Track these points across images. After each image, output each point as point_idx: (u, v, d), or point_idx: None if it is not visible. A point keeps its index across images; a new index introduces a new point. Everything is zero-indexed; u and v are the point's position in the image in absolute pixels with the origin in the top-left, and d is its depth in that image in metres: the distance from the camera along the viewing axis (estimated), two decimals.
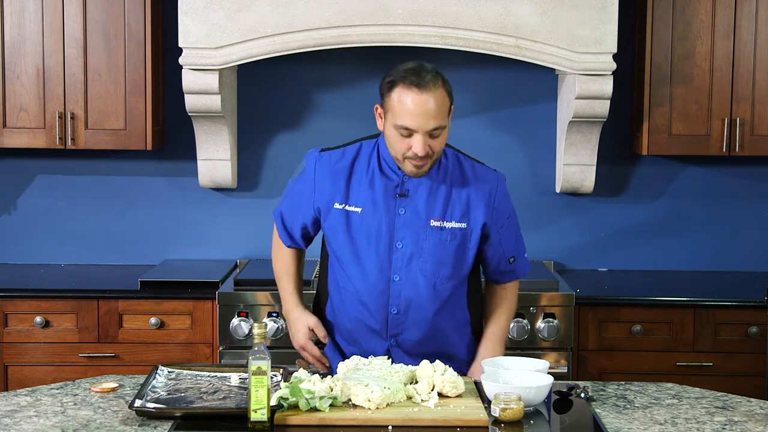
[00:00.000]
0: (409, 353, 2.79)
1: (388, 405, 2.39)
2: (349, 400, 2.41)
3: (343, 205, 2.76)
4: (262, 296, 3.85)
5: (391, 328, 2.78)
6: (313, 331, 2.88)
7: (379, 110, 2.72)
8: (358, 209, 2.75)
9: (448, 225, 2.75)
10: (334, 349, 2.90)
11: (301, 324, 2.90)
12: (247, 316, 3.85)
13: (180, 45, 3.95)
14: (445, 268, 2.75)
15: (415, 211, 2.74)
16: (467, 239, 2.77)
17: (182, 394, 2.50)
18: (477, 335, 2.92)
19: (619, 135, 4.44)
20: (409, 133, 2.63)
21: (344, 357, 2.84)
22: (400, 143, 2.65)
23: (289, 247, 2.95)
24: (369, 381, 2.41)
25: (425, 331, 2.78)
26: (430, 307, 2.76)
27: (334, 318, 2.89)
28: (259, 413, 2.29)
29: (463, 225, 2.76)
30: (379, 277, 2.74)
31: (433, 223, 2.74)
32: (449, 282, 2.77)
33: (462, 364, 2.85)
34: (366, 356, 2.74)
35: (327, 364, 2.87)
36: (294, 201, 2.89)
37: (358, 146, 2.82)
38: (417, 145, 2.63)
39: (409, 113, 2.61)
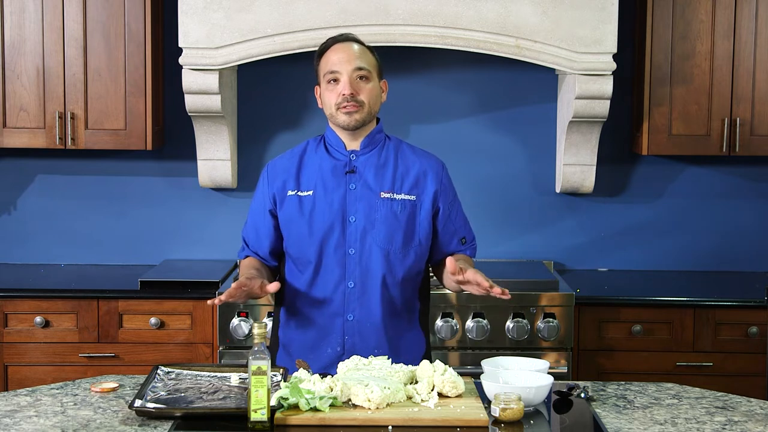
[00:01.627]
0: (365, 337, 2.81)
1: (388, 405, 2.39)
2: (349, 400, 2.41)
3: (295, 191, 2.86)
4: None
5: (348, 303, 2.81)
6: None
7: (318, 91, 2.89)
8: (310, 192, 2.85)
9: (398, 197, 2.84)
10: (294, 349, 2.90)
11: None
12: (247, 316, 3.85)
13: (180, 45, 3.96)
14: (397, 238, 2.82)
15: (366, 185, 2.84)
16: (417, 211, 2.86)
17: (182, 394, 2.50)
18: (425, 330, 2.95)
19: (619, 135, 4.44)
20: (335, 78, 2.80)
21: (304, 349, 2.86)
22: (331, 94, 2.82)
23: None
24: (369, 381, 2.41)
25: (381, 308, 2.82)
26: (385, 280, 2.82)
27: (289, 317, 2.91)
28: (259, 413, 2.29)
29: (413, 197, 2.86)
30: (335, 253, 2.81)
31: (384, 195, 2.84)
32: (401, 253, 2.83)
33: (410, 356, 2.86)
34: (325, 338, 2.81)
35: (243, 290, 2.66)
36: (255, 212, 2.94)
37: (305, 143, 2.95)
38: (343, 85, 2.79)
39: (333, 59, 2.82)
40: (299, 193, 2.85)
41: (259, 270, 2.87)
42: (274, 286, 2.68)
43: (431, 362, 2.57)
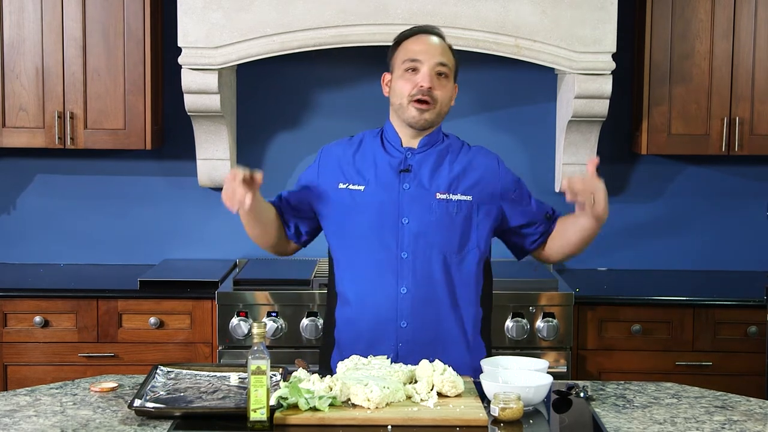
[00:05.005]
0: (419, 344, 2.71)
1: (387, 405, 2.39)
2: (349, 399, 2.41)
3: (347, 184, 2.76)
4: (261, 296, 3.85)
5: (401, 309, 2.72)
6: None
7: (387, 78, 2.79)
8: (361, 187, 2.74)
9: (454, 198, 2.74)
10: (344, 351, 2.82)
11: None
12: (246, 316, 3.85)
13: (179, 45, 3.96)
14: (453, 241, 2.73)
15: (420, 185, 2.73)
16: (473, 212, 2.76)
17: (182, 394, 2.50)
18: (485, 338, 2.87)
19: (619, 135, 4.44)
20: (415, 68, 2.69)
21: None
22: (407, 83, 2.70)
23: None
24: (368, 380, 2.41)
25: (435, 315, 2.73)
26: (440, 285, 2.73)
27: (345, 318, 2.81)
28: (258, 413, 2.29)
29: (469, 198, 2.75)
30: (386, 257, 2.71)
31: (440, 195, 2.73)
32: (458, 257, 2.74)
33: (462, 365, 2.77)
34: (377, 345, 2.71)
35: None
36: (300, 181, 2.86)
37: (362, 134, 2.85)
38: (423, 77, 2.68)
39: (416, 48, 2.72)
40: (350, 187, 2.75)
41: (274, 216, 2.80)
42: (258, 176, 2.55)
43: None
